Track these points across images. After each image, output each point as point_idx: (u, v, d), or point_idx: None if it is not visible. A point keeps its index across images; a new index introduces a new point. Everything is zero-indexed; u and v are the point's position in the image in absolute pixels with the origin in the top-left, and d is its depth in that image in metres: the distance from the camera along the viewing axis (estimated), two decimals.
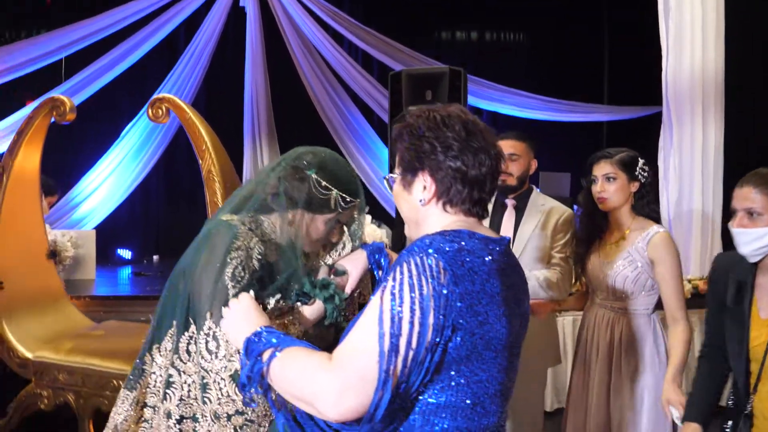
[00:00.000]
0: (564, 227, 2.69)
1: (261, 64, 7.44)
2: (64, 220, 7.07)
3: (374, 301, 1.09)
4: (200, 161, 2.60)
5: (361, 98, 7.59)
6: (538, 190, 6.32)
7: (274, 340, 1.18)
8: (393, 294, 1.06)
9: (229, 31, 7.62)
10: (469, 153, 1.20)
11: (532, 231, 2.68)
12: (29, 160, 2.92)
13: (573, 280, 2.74)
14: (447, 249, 1.09)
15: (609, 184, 2.38)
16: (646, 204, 2.41)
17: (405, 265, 1.08)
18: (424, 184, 1.23)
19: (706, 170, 4.60)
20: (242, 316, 1.28)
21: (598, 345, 2.44)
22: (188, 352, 1.39)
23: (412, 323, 1.04)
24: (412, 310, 1.04)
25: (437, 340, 1.06)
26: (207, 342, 1.35)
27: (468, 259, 1.10)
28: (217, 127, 2.87)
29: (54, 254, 3.28)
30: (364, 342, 1.06)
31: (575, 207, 2.84)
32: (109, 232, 7.21)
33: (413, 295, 1.04)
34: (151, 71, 7.57)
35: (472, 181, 1.21)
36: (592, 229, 2.50)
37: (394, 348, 1.03)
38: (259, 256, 1.43)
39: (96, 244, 5.67)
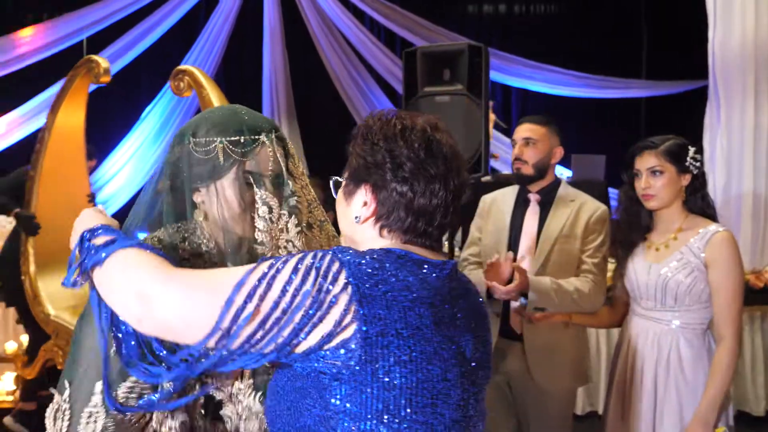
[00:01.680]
0: (597, 226, 2.35)
1: (279, 41, 7.23)
2: None
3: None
4: None
5: (382, 76, 7.31)
6: (567, 179, 6.06)
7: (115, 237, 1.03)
8: (272, 266, 0.93)
9: (247, 8, 7.41)
10: (421, 179, 1.01)
11: (560, 231, 2.35)
12: (72, 118, 2.99)
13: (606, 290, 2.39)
14: (362, 264, 0.93)
15: (655, 178, 2.07)
16: (701, 198, 2.10)
17: (300, 254, 0.95)
18: (364, 199, 1.05)
19: (758, 151, 4.20)
20: (86, 219, 1.10)
21: (641, 365, 2.12)
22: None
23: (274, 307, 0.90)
24: (283, 292, 0.90)
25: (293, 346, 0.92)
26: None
27: (387, 281, 0.93)
28: None
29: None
30: (218, 284, 0.93)
31: (611, 197, 2.51)
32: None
33: (291, 277, 0.91)
34: (171, 50, 7.44)
35: (417, 210, 1.02)
36: (635, 230, 2.18)
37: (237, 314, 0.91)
38: None
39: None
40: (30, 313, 2.93)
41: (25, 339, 3.91)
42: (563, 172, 6.56)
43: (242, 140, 1.13)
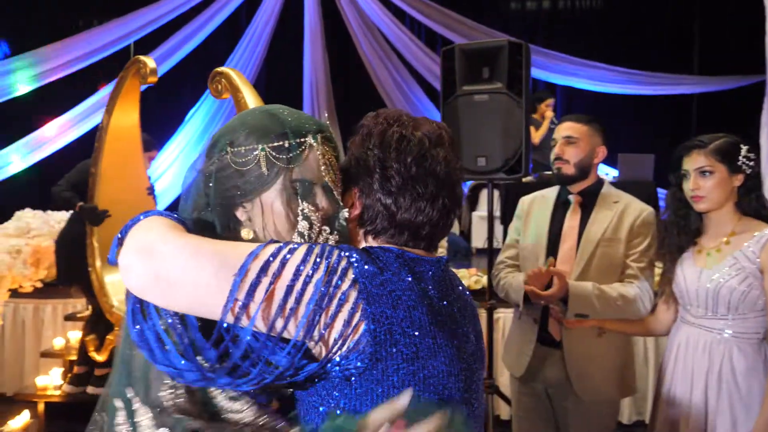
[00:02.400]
0: (643, 229, 2.23)
1: (320, 42, 7.27)
2: None
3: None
4: None
5: (423, 76, 7.25)
6: (613, 179, 5.87)
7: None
8: (282, 247, 0.91)
9: (288, 9, 7.47)
10: (407, 195, 1.01)
11: (602, 234, 2.24)
12: (126, 116, 3.11)
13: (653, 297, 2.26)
14: (368, 263, 0.93)
15: (705, 179, 1.96)
16: (755, 200, 1.98)
17: (307, 244, 0.93)
18: (352, 200, 1.06)
19: None
20: None
21: (691, 376, 2.02)
22: None
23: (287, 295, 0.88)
24: (295, 277, 0.88)
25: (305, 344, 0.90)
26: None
27: (392, 280, 0.94)
28: None
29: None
30: (229, 252, 0.91)
31: (660, 197, 2.39)
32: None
33: (302, 263, 0.89)
34: (215, 52, 7.57)
35: (400, 224, 1.02)
36: (685, 233, 2.08)
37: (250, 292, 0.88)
38: None
39: None
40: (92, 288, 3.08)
41: (72, 336, 4.03)
42: (609, 172, 6.38)
43: (286, 145, 1.00)
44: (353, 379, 0.90)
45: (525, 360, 2.30)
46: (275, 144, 1.00)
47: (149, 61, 3.00)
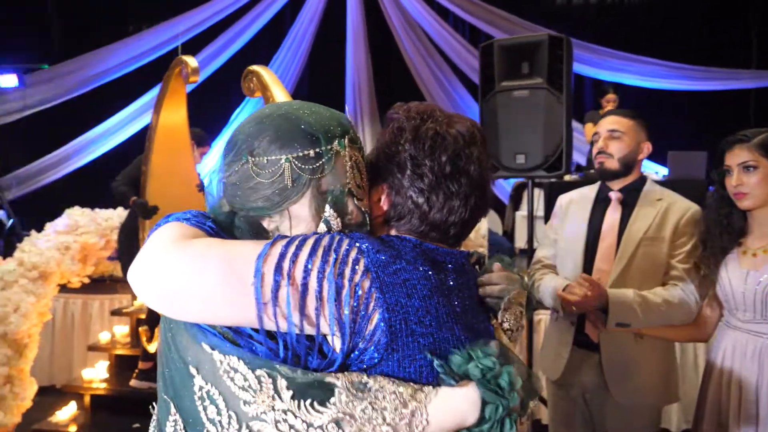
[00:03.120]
0: (689, 228, 2.10)
1: (362, 41, 7.28)
2: None
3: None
4: None
5: (467, 75, 7.17)
6: (663, 178, 5.65)
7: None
8: (290, 242, 0.87)
9: (331, 9, 7.51)
10: (441, 194, 0.99)
11: (644, 233, 2.13)
12: (173, 115, 3.23)
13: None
14: (380, 251, 0.89)
15: (748, 175, 1.87)
16: None
17: (316, 235, 0.89)
18: (379, 195, 1.02)
19: None
20: None
21: (739, 383, 1.92)
22: None
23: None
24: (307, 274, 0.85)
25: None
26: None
27: (404, 269, 0.90)
28: None
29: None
30: (237, 246, 0.88)
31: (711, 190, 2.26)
32: None
33: (309, 263, 0.86)
34: (259, 53, 7.67)
35: (432, 223, 1.00)
36: (728, 232, 1.98)
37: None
38: None
39: None
40: None
41: (118, 330, 4.14)
42: (659, 170, 6.16)
43: (312, 154, 0.93)
44: (370, 370, 0.88)
45: (561, 363, 2.22)
46: (300, 154, 0.92)
47: (191, 61, 3.10)
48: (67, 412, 3.62)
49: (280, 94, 2.35)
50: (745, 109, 7.26)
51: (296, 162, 0.92)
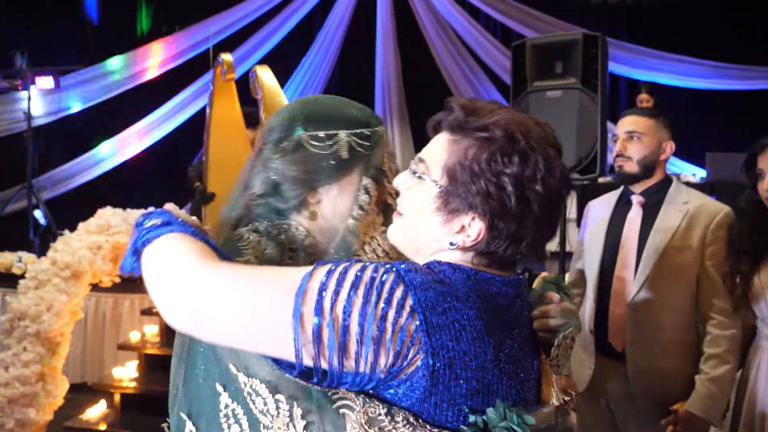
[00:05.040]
0: (720, 234, 1.98)
1: (392, 41, 7.25)
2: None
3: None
4: None
5: (498, 75, 7.08)
6: (701, 180, 5.50)
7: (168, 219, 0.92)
8: (330, 273, 0.81)
9: (361, 9, 7.50)
10: (547, 223, 0.90)
11: (669, 240, 2.01)
12: (226, 108, 3.40)
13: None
14: (430, 289, 0.81)
15: None
16: None
17: (359, 265, 0.81)
18: (464, 224, 0.89)
19: None
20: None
21: None
22: None
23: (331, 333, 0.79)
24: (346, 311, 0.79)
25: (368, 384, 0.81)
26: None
27: (455, 308, 0.81)
28: None
29: None
30: (272, 276, 0.83)
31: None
32: None
33: (349, 304, 0.79)
34: (290, 54, 7.71)
35: (520, 247, 0.90)
36: (761, 240, 1.89)
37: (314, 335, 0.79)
38: None
39: None
40: None
41: (148, 330, 4.17)
42: (696, 172, 5.99)
43: (367, 133, 1.03)
44: (399, 402, 0.82)
45: (587, 374, 2.15)
46: (357, 131, 1.02)
47: (226, 58, 3.24)
48: (97, 410, 3.66)
49: (274, 100, 2.52)
50: None
51: (354, 138, 1.01)
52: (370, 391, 0.83)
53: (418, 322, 0.79)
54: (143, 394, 3.80)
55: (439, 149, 0.91)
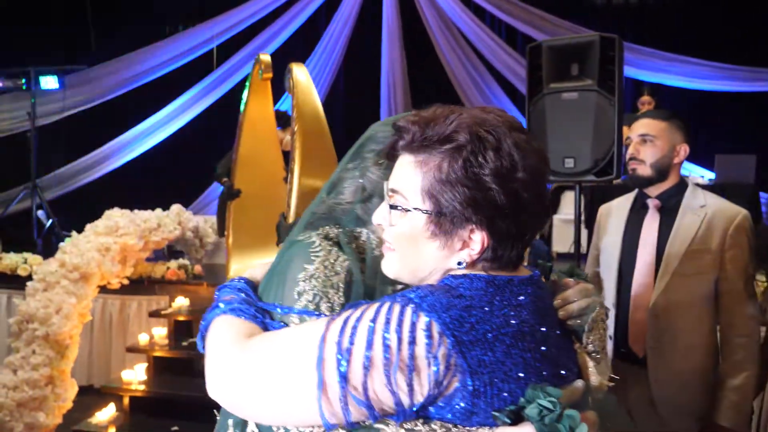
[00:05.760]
0: (739, 238, 1.95)
1: (398, 42, 7.22)
2: (212, 206, 7.41)
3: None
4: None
5: (504, 75, 7.05)
6: (710, 182, 5.47)
7: (230, 297, 0.96)
8: (342, 334, 0.78)
9: (367, 10, 7.47)
10: (541, 204, 0.87)
11: (688, 245, 1.97)
12: (260, 107, 3.45)
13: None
14: (449, 308, 0.78)
15: None
16: None
17: (371, 312, 0.78)
18: (464, 239, 0.85)
19: None
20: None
21: None
22: None
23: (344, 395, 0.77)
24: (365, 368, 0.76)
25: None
26: None
27: (483, 319, 0.79)
28: (354, 109, 2.80)
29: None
30: (291, 349, 0.82)
31: (762, 201, 2.12)
32: None
33: (368, 352, 0.76)
34: (295, 54, 7.66)
35: (524, 241, 0.88)
36: None
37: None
38: (347, 282, 0.93)
39: None
40: None
41: (156, 332, 4.14)
42: (705, 174, 5.97)
43: None
44: (438, 423, 0.79)
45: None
46: None
47: (263, 59, 3.27)
48: (106, 413, 3.63)
49: (307, 97, 2.50)
50: None
51: None
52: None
53: (449, 346, 0.75)
54: (152, 396, 3.78)
55: (409, 174, 0.87)
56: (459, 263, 0.86)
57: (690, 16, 7.19)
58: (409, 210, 0.87)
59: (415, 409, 0.77)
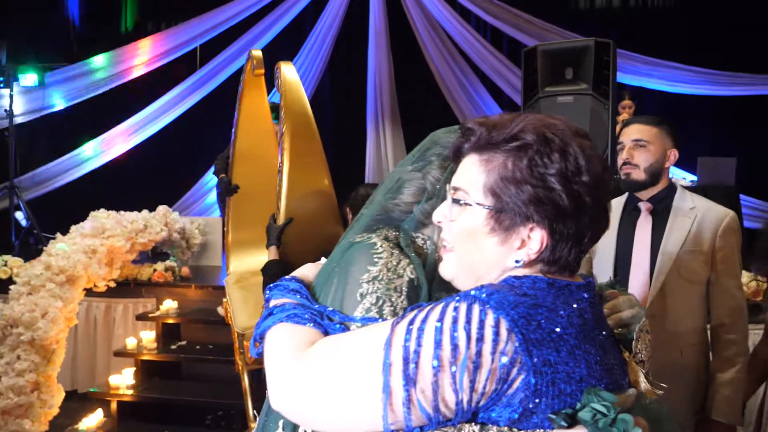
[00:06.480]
0: (729, 239, 2.02)
1: (384, 43, 7.20)
2: (195, 206, 7.32)
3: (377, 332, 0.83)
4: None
5: (490, 78, 7.09)
6: (692, 184, 5.56)
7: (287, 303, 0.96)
8: (409, 334, 0.78)
9: (353, 10, 7.43)
10: (602, 212, 0.88)
11: (681, 246, 2.03)
12: (255, 103, 3.35)
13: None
14: (516, 306, 0.78)
15: None
16: None
17: (436, 312, 0.79)
18: (523, 238, 0.86)
19: None
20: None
21: None
22: None
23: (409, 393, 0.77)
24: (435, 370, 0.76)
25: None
26: None
27: (549, 318, 0.79)
28: (340, 110, 2.76)
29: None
30: (354, 355, 0.82)
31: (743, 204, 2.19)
32: None
33: (437, 351, 0.76)
34: (280, 55, 7.59)
35: (582, 245, 0.88)
36: None
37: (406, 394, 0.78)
38: (410, 285, 0.93)
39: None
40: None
41: (144, 335, 4.08)
42: (687, 176, 6.07)
43: None
44: (494, 429, 0.79)
45: None
46: None
47: (257, 54, 3.27)
48: (93, 419, 3.57)
49: (296, 96, 2.50)
50: (765, 114, 7.15)
51: None
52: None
53: (517, 343, 0.75)
54: (141, 401, 3.72)
55: (473, 172, 0.89)
56: (517, 261, 0.86)
57: (672, 22, 7.31)
58: (470, 204, 0.88)
59: (474, 409, 0.77)
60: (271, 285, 1.00)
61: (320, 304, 0.95)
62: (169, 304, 4.27)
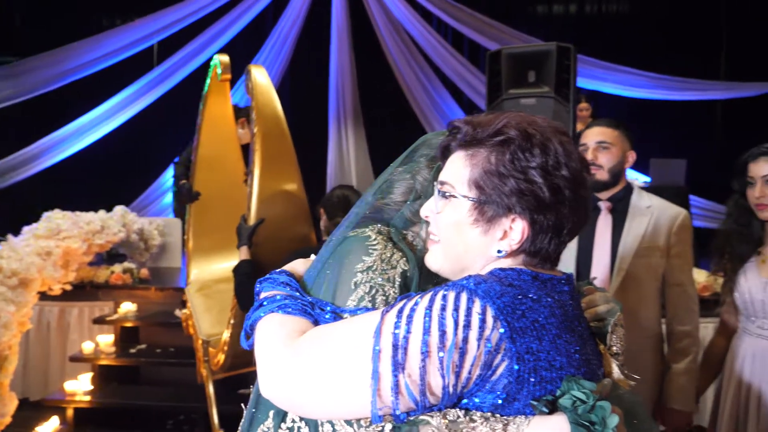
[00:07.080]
0: (684, 234, 2.14)
1: (347, 43, 7.18)
2: (152, 206, 7.16)
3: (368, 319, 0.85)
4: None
5: (451, 80, 7.16)
6: (645, 185, 5.77)
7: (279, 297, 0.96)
8: (399, 319, 0.82)
9: (315, 10, 7.40)
10: (581, 205, 0.92)
11: (639, 243, 2.13)
12: (219, 108, 3.41)
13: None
14: (504, 294, 0.82)
15: None
16: None
17: (425, 301, 0.82)
18: (505, 229, 0.90)
19: None
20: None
21: (759, 390, 1.95)
22: None
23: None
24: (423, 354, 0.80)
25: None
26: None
27: (533, 308, 0.83)
28: (302, 110, 2.77)
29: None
30: (344, 343, 0.84)
31: (692, 203, 2.32)
32: None
33: (426, 336, 0.79)
34: (240, 54, 7.49)
35: (562, 236, 0.92)
36: (747, 241, 2.04)
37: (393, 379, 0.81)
38: (403, 276, 0.96)
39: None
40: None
41: (102, 339, 3.96)
42: (639, 177, 6.27)
43: None
44: (478, 414, 0.82)
45: None
46: None
47: (224, 59, 3.24)
48: (48, 427, 3.45)
49: (266, 99, 2.51)
50: (711, 117, 7.47)
51: None
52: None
53: (502, 330, 0.79)
54: (99, 407, 3.61)
55: (459, 167, 0.93)
56: (499, 251, 0.90)
57: (626, 28, 7.56)
58: (455, 197, 0.92)
59: (459, 394, 0.80)
60: (261, 279, 1.01)
61: (311, 296, 0.96)
62: (128, 307, 4.17)
